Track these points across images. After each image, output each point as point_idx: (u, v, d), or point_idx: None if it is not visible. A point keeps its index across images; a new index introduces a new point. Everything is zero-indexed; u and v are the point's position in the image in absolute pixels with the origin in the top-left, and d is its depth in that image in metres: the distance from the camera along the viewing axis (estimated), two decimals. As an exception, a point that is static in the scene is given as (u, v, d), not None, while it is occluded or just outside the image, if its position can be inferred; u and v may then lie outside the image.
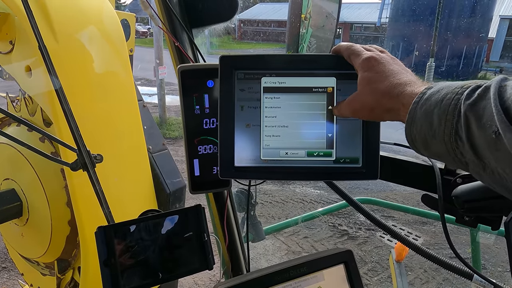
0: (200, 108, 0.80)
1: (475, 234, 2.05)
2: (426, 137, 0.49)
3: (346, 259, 0.75)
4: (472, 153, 0.43)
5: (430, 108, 0.47)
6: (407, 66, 0.61)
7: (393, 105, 0.55)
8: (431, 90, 0.49)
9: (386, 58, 0.59)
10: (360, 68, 0.60)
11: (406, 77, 0.56)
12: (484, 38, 17.00)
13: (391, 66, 0.58)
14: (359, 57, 0.60)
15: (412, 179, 0.82)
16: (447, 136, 0.45)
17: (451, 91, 0.46)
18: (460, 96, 0.45)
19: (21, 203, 1.07)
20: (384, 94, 0.56)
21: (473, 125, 0.42)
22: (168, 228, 0.64)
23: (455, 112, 0.44)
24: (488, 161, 0.42)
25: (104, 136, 1.01)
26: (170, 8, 0.94)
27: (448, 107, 0.45)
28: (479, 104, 0.42)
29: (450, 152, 0.46)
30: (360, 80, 0.60)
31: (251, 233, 1.37)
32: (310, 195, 5.08)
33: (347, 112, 0.63)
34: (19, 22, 0.98)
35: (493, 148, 0.40)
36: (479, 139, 0.42)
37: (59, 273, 1.11)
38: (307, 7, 1.13)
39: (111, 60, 1.05)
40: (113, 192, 0.96)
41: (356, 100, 0.60)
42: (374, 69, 0.58)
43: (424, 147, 0.51)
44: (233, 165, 0.68)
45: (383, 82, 0.56)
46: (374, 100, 0.57)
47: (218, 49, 8.71)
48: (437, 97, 0.47)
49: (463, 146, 0.44)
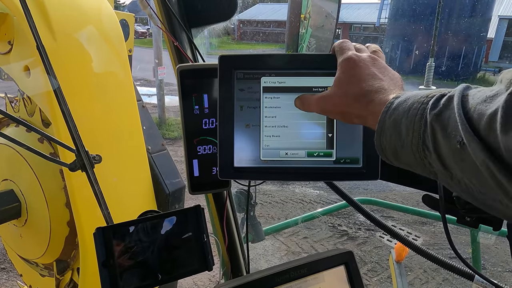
0: (200, 108, 0.79)
1: (476, 234, 2.05)
2: (395, 147, 0.48)
3: (346, 260, 0.75)
4: (439, 163, 0.43)
5: (398, 118, 0.47)
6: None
7: (362, 112, 0.54)
8: (399, 99, 0.49)
9: (366, 61, 0.58)
10: (339, 67, 0.59)
11: (379, 84, 0.54)
12: (483, 38, 17.02)
13: (368, 70, 0.56)
14: (341, 56, 0.60)
15: (412, 179, 0.82)
16: (415, 146, 0.45)
17: (417, 100, 0.46)
18: (425, 106, 0.44)
19: (20, 204, 1.07)
20: (355, 100, 0.55)
21: (439, 135, 0.42)
22: (167, 229, 0.64)
23: (421, 122, 0.44)
24: (455, 172, 0.41)
25: (103, 137, 1.01)
26: (169, 8, 0.94)
27: (415, 117, 0.45)
28: (444, 114, 0.42)
29: (419, 162, 0.46)
30: (335, 80, 0.59)
31: (251, 233, 1.37)
32: (310, 196, 5.08)
33: (315, 109, 0.62)
34: (18, 22, 0.98)
35: (458, 158, 0.40)
36: (444, 149, 0.41)
37: (58, 274, 1.11)
38: (306, 7, 1.13)
39: (110, 61, 1.05)
40: (112, 192, 0.96)
41: (328, 100, 0.59)
42: (349, 72, 0.57)
43: (394, 157, 0.50)
44: (232, 166, 0.68)
45: (355, 87, 0.55)
46: (344, 104, 0.56)
47: (218, 50, 8.71)
48: (404, 106, 0.47)
49: (431, 156, 0.43)
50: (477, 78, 16.98)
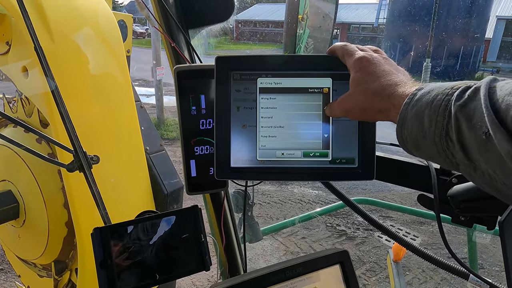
0: (197, 109, 0.80)
1: (472, 233, 2.05)
2: (417, 138, 0.49)
3: (342, 259, 0.75)
4: (462, 154, 0.43)
5: (421, 109, 0.47)
6: (403, 67, 0.61)
7: (384, 106, 0.55)
8: (422, 91, 0.49)
9: (378, 59, 0.59)
10: (352, 68, 0.60)
11: (397, 78, 0.55)
12: (481, 38, 17.06)
13: (382, 66, 0.58)
14: (352, 57, 0.60)
15: (408, 179, 0.83)
16: (438, 137, 0.45)
17: (441, 92, 0.46)
18: (450, 97, 0.44)
19: (18, 204, 1.07)
20: (375, 95, 0.56)
21: (464, 126, 0.42)
22: (165, 229, 0.64)
23: (445, 113, 0.44)
24: (479, 162, 0.42)
25: (101, 137, 1.01)
26: (166, 9, 0.94)
27: (439, 108, 0.45)
28: (469, 105, 0.42)
29: (441, 153, 0.46)
30: (351, 80, 0.60)
31: (249, 234, 1.38)
32: (308, 196, 5.08)
33: (338, 112, 0.63)
34: (16, 23, 0.98)
35: (483, 149, 0.40)
36: (469, 140, 0.42)
37: (56, 274, 1.11)
38: (304, 8, 1.14)
39: (108, 61, 1.05)
40: (110, 193, 0.96)
41: (348, 100, 0.60)
42: (365, 70, 0.58)
43: (415, 148, 0.51)
44: (229, 166, 0.68)
45: (374, 83, 0.56)
46: (365, 100, 0.57)
47: (215, 50, 8.70)
48: (427, 98, 0.47)
49: (454, 147, 0.44)
50: (475, 78, 16.98)
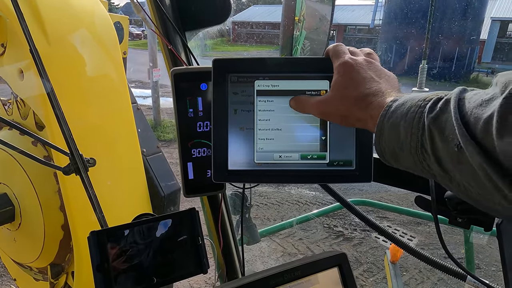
0: (194, 111, 0.80)
1: (468, 235, 2.06)
2: (394, 149, 0.49)
3: (340, 262, 0.75)
4: (437, 166, 0.43)
5: (396, 121, 0.48)
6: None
7: (362, 115, 0.55)
8: (396, 103, 0.49)
9: (362, 64, 0.58)
10: (335, 71, 0.59)
11: (377, 86, 0.55)
12: (476, 39, 17.16)
13: (364, 73, 0.57)
14: (337, 60, 0.60)
15: (405, 181, 0.83)
16: (414, 149, 0.46)
17: (414, 104, 0.46)
18: (423, 109, 0.45)
19: (13, 207, 1.06)
20: (355, 103, 0.55)
21: (437, 138, 0.42)
22: (162, 232, 0.64)
23: (419, 125, 0.44)
24: (453, 174, 0.42)
25: (97, 140, 1.01)
26: (163, 11, 0.94)
27: (413, 121, 0.45)
28: (441, 117, 0.42)
29: (417, 164, 0.46)
30: (333, 83, 0.59)
31: (246, 235, 1.37)
32: (306, 197, 5.08)
33: (314, 111, 0.62)
34: (11, 25, 0.98)
35: (456, 161, 0.40)
36: (442, 152, 0.42)
37: (52, 278, 1.10)
38: (300, 10, 1.14)
39: (104, 63, 1.04)
40: (106, 196, 0.95)
41: (327, 103, 0.60)
42: (347, 75, 0.57)
43: (394, 159, 0.51)
44: (226, 169, 0.68)
45: (354, 91, 0.56)
46: (345, 108, 0.57)
47: (212, 51, 8.69)
48: (402, 110, 0.47)
49: (429, 158, 0.44)
50: (470, 79, 17.11)
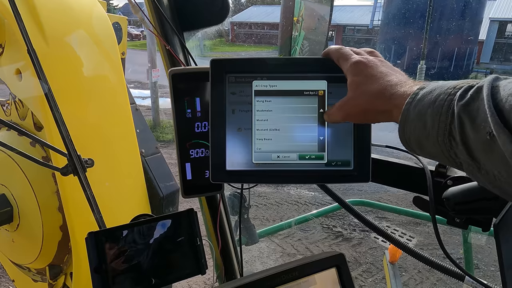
0: (192, 112, 0.79)
1: (467, 235, 2.06)
2: (420, 137, 0.49)
3: (338, 262, 0.75)
4: (466, 154, 0.43)
5: (423, 109, 0.47)
6: (398, 68, 0.60)
7: (386, 106, 0.54)
8: (424, 90, 0.49)
9: (374, 61, 0.58)
10: (349, 73, 0.59)
11: (396, 78, 0.55)
12: (474, 40, 17.19)
13: (380, 68, 0.57)
14: (347, 61, 0.60)
15: (403, 181, 0.83)
16: (441, 137, 0.45)
17: (443, 91, 0.46)
18: (453, 97, 0.44)
19: (12, 208, 1.06)
20: (376, 96, 0.55)
21: (467, 126, 0.41)
22: (161, 232, 0.64)
23: (448, 113, 0.44)
24: (483, 162, 0.41)
25: (95, 140, 1.01)
26: (161, 12, 0.94)
27: (441, 108, 0.45)
28: (472, 105, 0.41)
29: (444, 153, 0.46)
30: (349, 84, 0.59)
31: (245, 236, 1.37)
32: (305, 197, 5.08)
33: (338, 117, 0.62)
34: (9, 25, 0.97)
35: (487, 149, 0.40)
36: (473, 140, 0.41)
37: (51, 279, 1.10)
38: (299, 10, 1.14)
39: (103, 64, 1.04)
40: (105, 196, 0.95)
41: (348, 104, 0.60)
42: (363, 73, 0.57)
43: (418, 147, 0.51)
44: (224, 169, 0.68)
45: (374, 85, 0.56)
46: (366, 102, 0.56)
47: (211, 52, 8.70)
48: (430, 98, 0.47)
49: (457, 147, 0.43)
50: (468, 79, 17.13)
